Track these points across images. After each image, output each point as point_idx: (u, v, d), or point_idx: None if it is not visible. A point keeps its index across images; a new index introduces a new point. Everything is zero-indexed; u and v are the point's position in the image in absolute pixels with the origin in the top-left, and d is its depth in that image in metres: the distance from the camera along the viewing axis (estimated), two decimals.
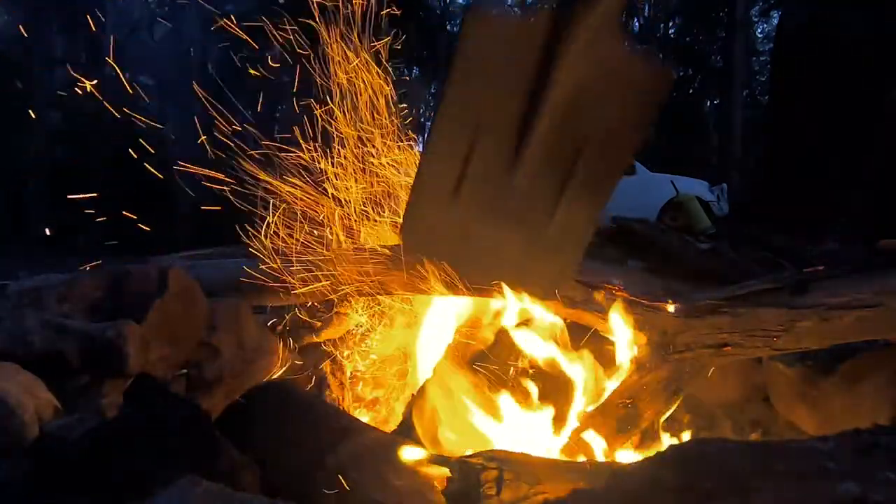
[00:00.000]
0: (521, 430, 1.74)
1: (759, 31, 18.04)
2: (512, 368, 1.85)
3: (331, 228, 2.08)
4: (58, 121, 14.05)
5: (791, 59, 4.69)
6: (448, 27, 20.71)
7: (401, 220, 1.83)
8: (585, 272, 2.05)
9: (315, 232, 2.07)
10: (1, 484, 1.13)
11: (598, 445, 1.78)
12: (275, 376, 2.09)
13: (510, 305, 1.90)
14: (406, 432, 1.83)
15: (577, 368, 1.84)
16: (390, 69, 2.21)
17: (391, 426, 2.13)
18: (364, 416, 2.31)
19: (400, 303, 2.43)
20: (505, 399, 1.75)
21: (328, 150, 2.15)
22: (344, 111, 2.14)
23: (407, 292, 2.11)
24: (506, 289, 1.82)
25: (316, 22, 2.07)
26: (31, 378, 1.38)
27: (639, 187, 7.25)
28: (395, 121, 2.21)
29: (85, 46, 14.23)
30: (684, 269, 2.71)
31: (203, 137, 2.25)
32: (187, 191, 2.56)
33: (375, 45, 2.14)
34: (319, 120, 2.15)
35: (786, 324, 1.68)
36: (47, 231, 11.12)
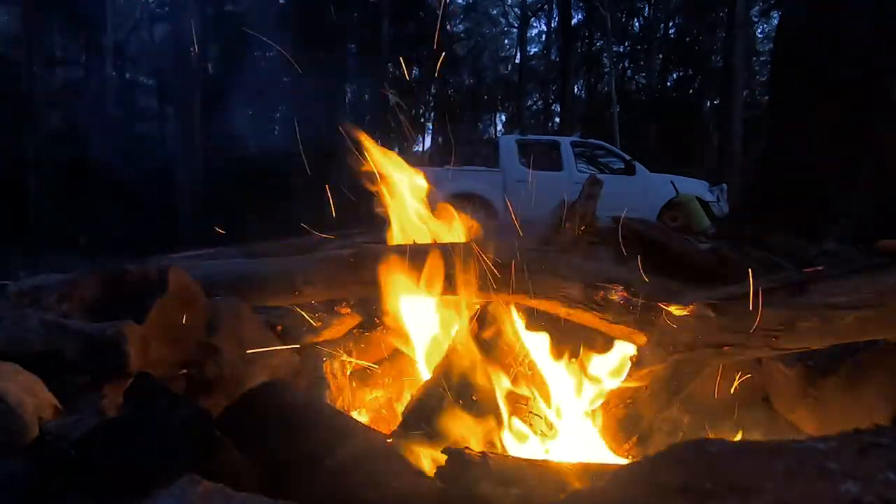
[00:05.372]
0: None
1: (759, 31, 18.08)
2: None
3: None
4: (58, 121, 14.05)
5: (791, 59, 4.69)
6: (448, 27, 20.67)
7: None
8: (585, 272, 2.05)
9: None
10: (1, 484, 1.13)
11: (597, 445, 1.78)
12: (275, 376, 2.09)
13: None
14: (406, 433, 1.83)
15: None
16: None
17: (391, 426, 2.13)
18: (364, 417, 2.31)
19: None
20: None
21: None
22: None
23: None
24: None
25: None
26: (31, 378, 1.38)
27: (639, 187, 7.26)
28: None
29: (85, 46, 14.23)
30: (684, 269, 2.71)
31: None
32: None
33: None
34: None
35: (786, 324, 1.68)
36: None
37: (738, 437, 2.11)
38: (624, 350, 1.98)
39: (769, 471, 0.59)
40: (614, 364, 1.98)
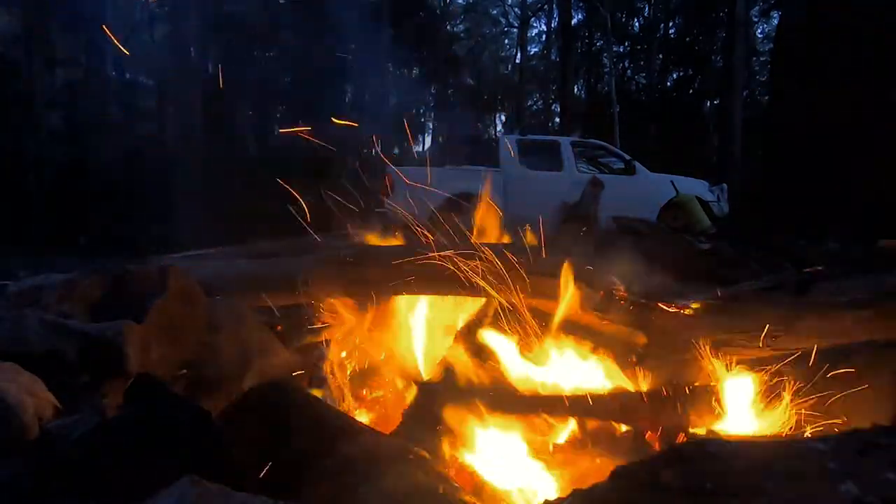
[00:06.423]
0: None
1: (759, 31, 18.08)
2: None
3: None
4: (58, 121, 14.05)
5: (791, 59, 4.69)
6: (448, 27, 20.64)
7: None
8: (586, 272, 2.05)
9: None
10: (1, 484, 1.13)
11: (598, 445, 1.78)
12: (275, 376, 2.09)
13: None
14: (406, 434, 1.83)
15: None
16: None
17: (391, 427, 2.13)
18: (364, 417, 2.30)
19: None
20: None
21: None
22: None
23: None
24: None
25: None
26: (31, 378, 1.38)
27: (639, 187, 7.25)
28: None
29: (85, 46, 14.23)
30: (684, 268, 2.71)
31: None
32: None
33: None
34: None
35: (786, 324, 1.68)
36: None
37: (738, 437, 2.11)
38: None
39: (769, 471, 0.59)
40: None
